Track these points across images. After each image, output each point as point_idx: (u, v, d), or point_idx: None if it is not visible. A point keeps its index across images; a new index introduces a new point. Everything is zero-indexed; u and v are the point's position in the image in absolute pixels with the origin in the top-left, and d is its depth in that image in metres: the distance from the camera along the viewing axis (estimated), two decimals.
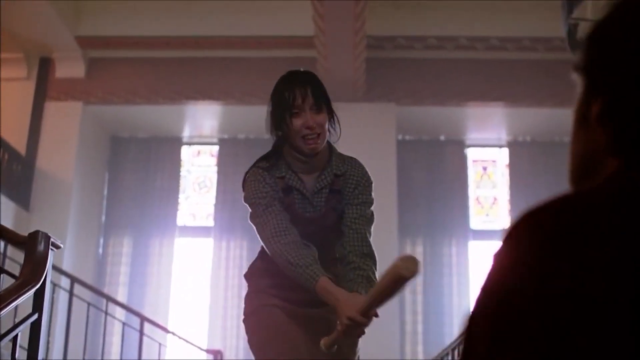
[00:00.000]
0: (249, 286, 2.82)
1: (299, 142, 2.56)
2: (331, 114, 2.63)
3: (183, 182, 8.41)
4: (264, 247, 2.61)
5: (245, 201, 2.68)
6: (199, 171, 8.54)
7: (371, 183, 2.69)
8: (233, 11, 7.47)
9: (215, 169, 8.39)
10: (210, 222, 8.15)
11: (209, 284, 7.77)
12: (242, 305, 2.85)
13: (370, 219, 2.66)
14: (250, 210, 2.65)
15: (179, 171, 8.37)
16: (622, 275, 0.67)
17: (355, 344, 2.65)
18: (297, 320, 2.59)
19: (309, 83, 2.59)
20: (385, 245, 7.13)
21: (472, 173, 8.40)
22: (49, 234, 3.01)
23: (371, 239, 2.63)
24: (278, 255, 2.51)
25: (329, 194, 2.64)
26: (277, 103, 2.60)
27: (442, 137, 8.29)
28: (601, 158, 0.82)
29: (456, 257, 7.86)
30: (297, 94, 2.55)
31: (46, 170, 7.36)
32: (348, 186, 2.64)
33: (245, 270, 3.06)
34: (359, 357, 2.71)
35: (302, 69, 2.70)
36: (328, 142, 2.66)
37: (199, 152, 8.61)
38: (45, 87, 7.60)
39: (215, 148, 8.47)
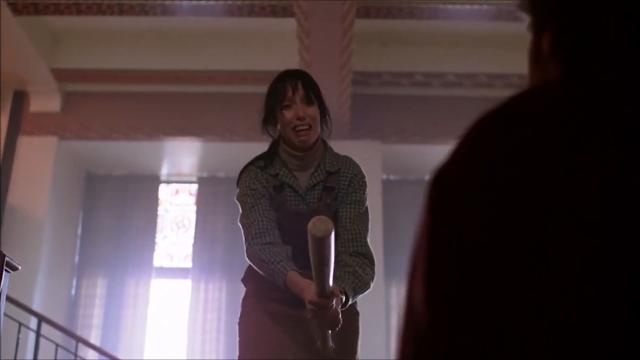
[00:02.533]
0: (246, 290, 2.80)
1: (290, 134, 2.63)
2: (322, 108, 2.70)
3: (160, 222, 8.21)
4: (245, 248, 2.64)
5: (236, 199, 2.71)
6: (177, 210, 8.35)
7: (365, 182, 2.74)
8: (215, 45, 7.35)
9: (194, 208, 8.20)
10: (188, 263, 7.93)
11: (186, 328, 7.52)
12: (220, 349, 2.86)
13: (364, 217, 2.70)
14: (239, 209, 2.68)
15: (157, 210, 8.17)
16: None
17: (352, 343, 2.65)
18: (291, 323, 2.59)
19: (300, 77, 2.69)
20: (371, 290, 6.95)
21: None
22: (6, 255, 2.76)
23: (368, 237, 2.69)
24: (253, 255, 2.56)
25: (322, 191, 2.67)
26: (269, 97, 2.71)
27: (428, 177, 8.12)
28: None
29: None
30: (288, 87, 2.64)
31: (18, 207, 7.12)
32: (342, 183, 2.68)
33: (224, 312, 3.03)
34: (358, 358, 2.67)
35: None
36: (323, 140, 2.74)
37: (177, 191, 8.43)
38: (19, 121, 7.39)
39: (194, 187, 8.29)
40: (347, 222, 2.65)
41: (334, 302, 2.34)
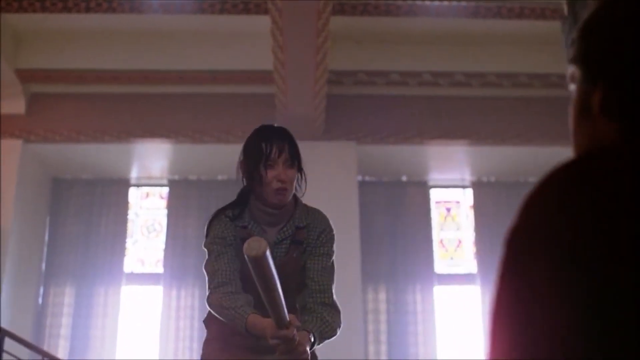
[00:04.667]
0: (207, 332, 2.88)
1: (268, 193, 2.69)
2: (300, 170, 2.77)
3: (130, 226, 8.02)
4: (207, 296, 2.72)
5: (204, 246, 2.82)
6: (148, 214, 8.16)
7: (334, 236, 2.82)
8: (186, 44, 7.19)
9: (165, 212, 8.02)
10: (160, 269, 7.75)
11: (158, 335, 7.34)
12: (194, 358, 2.92)
13: (331, 269, 2.78)
14: (206, 255, 2.79)
15: (126, 214, 7.98)
16: None
17: None
18: None
19: (286, 139, 2.74)
20: (349, 294, 6.83)
21: (436, 215, 8.18)
22: None
23: (334, 288, 2.76)
24: (213, 302, 2.65)
25: (290, 245, 2.75)
26: (252, 153, 2.73)
27: (404, 178, 8.05)
28: None
29: (421, 304, 7.58)
30: (274, 148, 2.69)
31: None
32: (311, 237, 2.77)
33: (197, 319, 3.06)
34: None
35: (275, 124, 2.85)
36: (294, 194, 2.80)
37: (147, 194, 8.24)
38: None
39: (165, 190, 8.12)
40: (314, 275, 2.73)
41: (296, 335, 2.40)
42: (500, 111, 7.47)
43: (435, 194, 8.22)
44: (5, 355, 4.98)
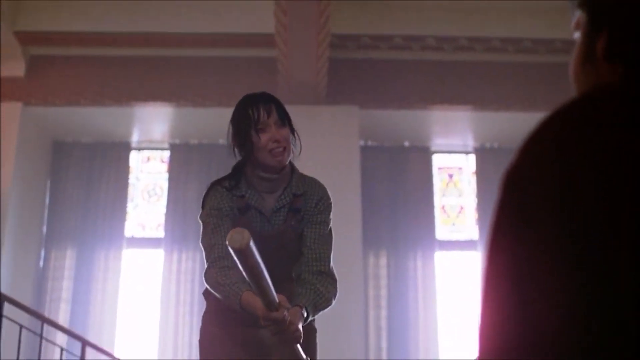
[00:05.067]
0: (207, 304, 2.91)
1: (265, 157, 2.70)
2: (292, 131, 2.79)
3: (131, 190, 8.00)
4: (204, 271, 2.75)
5: (199, 218, 2.82)
6: (149, 178, 8.14)
7: (331, 204, 2.83)
8: (187, 6, 7.11)
9: (166, 176, 7.99)
10: (161, 233, 7.75)
11: (159, 299, 7.35)
12: (194, 322, 2.96)
13: (329, 238, 2.80)
14: (201, 229, 2.79)
15: (127, 178, 7.96)
16: None
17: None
18: (252, 342, 2.68)
19: (272, 101, 2.75)
20: (350, 259, 6.85)
21: (438, 181, 8.16)
22: None
23: (332, 256, 2.77)
24: (210, 278, 2.66)
25: (288, 213, 2.76)
26: (240, 121, 2.74)
27: (406, 143, 8.01)
28: None
29: (422, 270, 7.59)
30: (262, 110, 2.70)
31: None
32: (308, 205, 2.78)
33: (198, 284, 3.08)
34: None
35: (258, 92, 2.84)
36: (290, 162, 2.82)
37: (148, 158, 8.21)
38: None
39: (166, 154, 8.08)
40: (311, 243, 2.74)
41: (287, 315, 2.41)
42: (504, 77, 7.40)
43: (437, 160, 8.18)
44: (4, 321, 4.98)
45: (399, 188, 7.87)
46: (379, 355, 7.33)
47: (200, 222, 2.81)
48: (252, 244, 2.14)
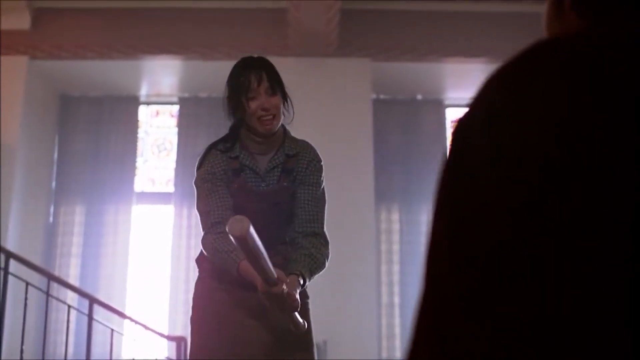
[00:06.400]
0: (200, 270, 2.92)
1: (255, 124, 2.79)
2: (285, 97, 2.85)
3: (140, 145, 7.95)
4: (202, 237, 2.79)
5: (194, 183, 2.85)
6: (158, 133, 8.09)
7: (322, 166, 2.90)
8: None
9: (175, 130, 7.94)
10: (171, 188, 7.72)
11: (170, 255, 7.35)
12: None
13: (321, 199, 2.87)
14: (195, 193, 2.82)
15: (136, 133, 7.91)
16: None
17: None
18: (246, 304, 2.72)
19: (263, 68, 2.81)
20: (362, 213, 6.81)
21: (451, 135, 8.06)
22: None
23: (325, 217, 2.85)
24: (207, 244, 2.72)
25: (281, 173, 2.83)
26: (233, 88, 2.82)
27: (419, 96, 7.91)
28: None
29: None
30: (252, 79, 2.77)
31: None
32: (300, 166, 2.85)
33: None
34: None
35: (255, 55, 2.90)
36: (282, 125, 2.89)
37: (157, 112, 8.15)
38: None
39: (176, 108, 8.01)
40: (304, 204, 2.81)
41: (285, 286, 2.47)
42: (519, 28, 7.25)
43: (450, 113, 8.09)
44: (10, 278, 4.97)
45: (411, 141, 7.79)
46: (392, 311, 7.33)
47: (194, 187, 2.85)
48: (252, 229, 2.18)
